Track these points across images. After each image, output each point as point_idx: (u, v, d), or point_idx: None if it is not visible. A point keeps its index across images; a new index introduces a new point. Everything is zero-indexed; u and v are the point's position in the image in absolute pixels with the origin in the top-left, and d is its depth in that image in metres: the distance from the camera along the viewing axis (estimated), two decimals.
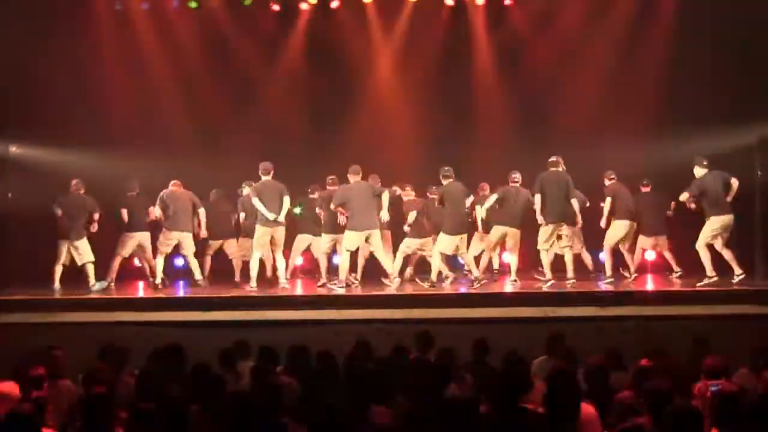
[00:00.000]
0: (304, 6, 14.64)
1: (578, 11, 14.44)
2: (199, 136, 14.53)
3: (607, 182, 12.81)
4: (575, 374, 6.11)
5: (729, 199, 11.75)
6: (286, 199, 11.96)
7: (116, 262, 12.75)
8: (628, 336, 9.65)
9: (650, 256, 13.40)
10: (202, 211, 12.73)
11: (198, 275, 12.60)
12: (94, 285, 12.31)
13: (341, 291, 11.78)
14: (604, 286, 12.11)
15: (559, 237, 11.94)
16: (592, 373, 6.37)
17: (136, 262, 13.51)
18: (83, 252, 12.39)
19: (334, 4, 14.56)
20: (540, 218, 11.83)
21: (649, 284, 12.77)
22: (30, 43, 13.17)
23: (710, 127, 13.08)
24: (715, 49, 13.22)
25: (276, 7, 14.58)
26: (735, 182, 11.74)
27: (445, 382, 6.19)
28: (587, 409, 5.48)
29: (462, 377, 6.85)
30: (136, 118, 14.25)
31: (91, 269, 12.39)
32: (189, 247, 12.57)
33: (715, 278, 11.53)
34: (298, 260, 13.46)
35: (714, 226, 11.60)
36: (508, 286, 12.32)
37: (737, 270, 11.58)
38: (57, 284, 12.38)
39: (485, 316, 10.48)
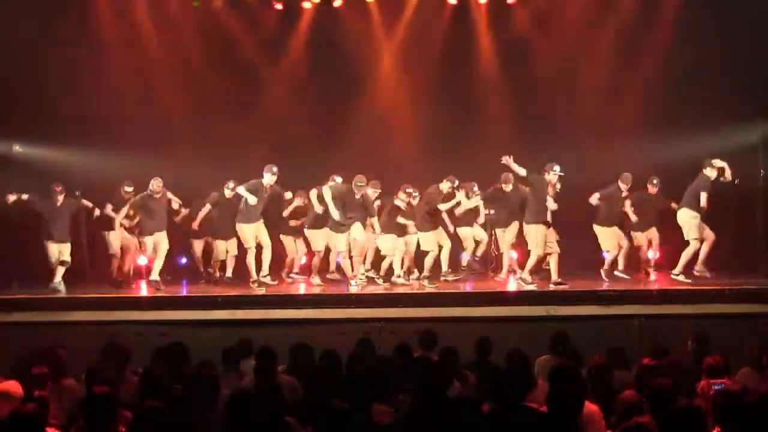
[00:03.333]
0: (306, 5, 14.64)
1: (580, 11, 14.42)
2: (200, 135, 14.53)
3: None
4: (578, 373, 6.10)
5: None
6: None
7: None
8: (631, 335, 9.66)
9: (652, 254, 13.38)
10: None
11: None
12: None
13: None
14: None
15: None
16: (595, 371, 6.36)
17: (139, 261, 13.53)
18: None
19: (336, 3, 14.55)
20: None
21: (652, 283, 12.73)
22: (33, 42, 13.17)
23: (713, 127, 13.08)
24: (718, 49, 13.19)
25: (279, 6, 14.59)
26: None
27: (449, 380, 6.18)
28: (591, 407, 5.48)
29: (465, 376, 6.86)
30: (138, 115, 14.24)
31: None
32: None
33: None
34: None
35: None
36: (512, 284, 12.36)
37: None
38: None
39: (488, 314, 10.48)
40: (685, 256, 11.96)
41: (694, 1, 13.63)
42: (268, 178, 12.15)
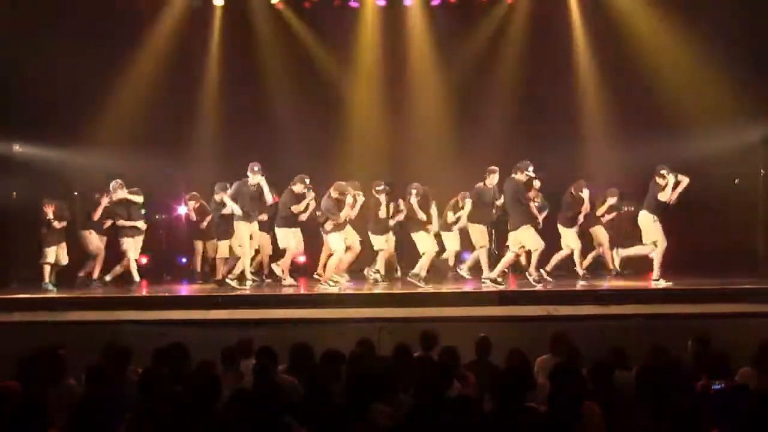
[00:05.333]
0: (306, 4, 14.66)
1: (578, 10, 14.43)
2: (201, 135, 14.54)
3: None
4: (578, 372, 6.09)
5: None
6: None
7: None
8: (630, 334, 9.65)
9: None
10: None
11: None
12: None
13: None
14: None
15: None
16: (595, 371, 6.35)
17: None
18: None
19: (336, 2, 14.56)
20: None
21: (652, 283, 12.72)
22: (33, 42, 13.18)
23: (713, 126, 13.08)
24: (718, 48, 13.19)
25: (279, 5, 14.61)
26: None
27: (449, 380, 6.18)
28: (592, 408, 5.48)
29: (465, 376, 6.85)
30: (138, 117, 14.24)
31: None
32: None
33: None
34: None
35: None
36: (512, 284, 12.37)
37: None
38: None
39: (488, 314, 10.48)
40: (656, 260, 11.90)
41: (694, 1, 13.63)
42: (253, 177, 12.14)
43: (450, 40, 14.80)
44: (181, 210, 13.99)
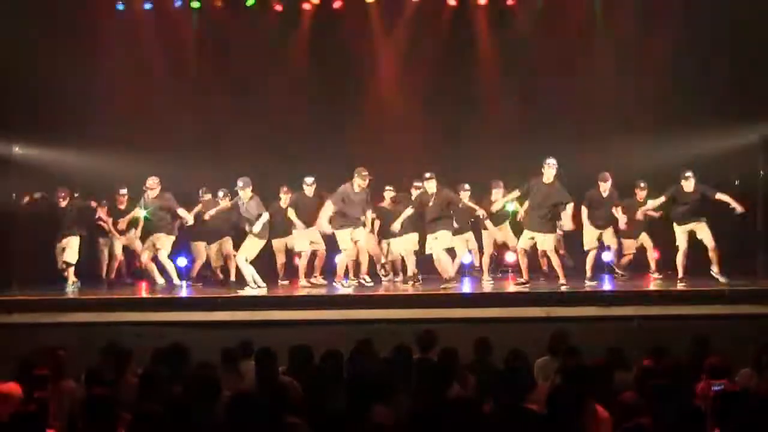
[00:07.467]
0: (306, 6, 14.66)
1: (581, 11, 14.43)
2: (200, 135, 14.54)
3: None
4: (580, 374, 6.09)
5: None
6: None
7: None
8: (630, 336, 9.65)
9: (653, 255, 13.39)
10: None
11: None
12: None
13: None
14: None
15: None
16: (595, 373, 6.35)
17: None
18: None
19: (336, 4, 14.57)
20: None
21: (651, 284, 12.72)
22: (33, 43, 13.18)
23: (713, 127, 13.07)
24: (718, 49, 13.20)
25: (278, 8, 14.61)
26: None
27: (448, 382, 6.17)
28: (598, 410, 5.48)
29: (464, 377, 6.85)
30: (138, 118, 14.24)
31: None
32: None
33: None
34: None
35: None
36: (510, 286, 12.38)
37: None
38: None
39: (488, 315, 10.48)
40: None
41: (694, 2, 13.64)
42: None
43: (450, 41, 14.81)
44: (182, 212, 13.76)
